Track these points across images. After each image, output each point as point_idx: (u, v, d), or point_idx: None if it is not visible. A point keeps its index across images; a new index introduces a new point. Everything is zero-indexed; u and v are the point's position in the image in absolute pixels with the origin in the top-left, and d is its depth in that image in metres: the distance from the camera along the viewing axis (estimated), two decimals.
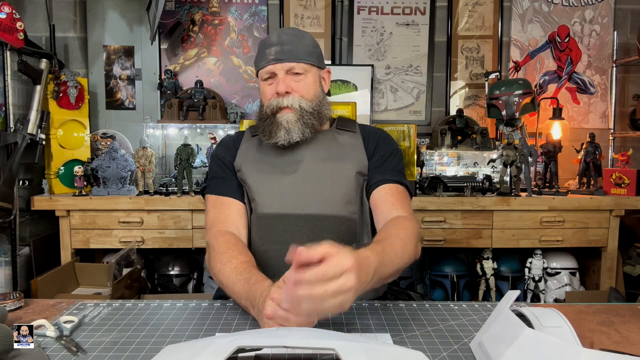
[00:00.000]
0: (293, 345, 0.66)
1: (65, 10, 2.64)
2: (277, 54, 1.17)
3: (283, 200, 1.15)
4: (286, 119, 1.16)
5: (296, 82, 1.18)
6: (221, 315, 0.93)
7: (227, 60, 2.78)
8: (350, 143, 1.24)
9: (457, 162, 2.66)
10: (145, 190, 2.32)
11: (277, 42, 1.19)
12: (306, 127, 1.17)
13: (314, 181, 1.16)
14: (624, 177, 2.34)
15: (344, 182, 1.17)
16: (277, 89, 1.17)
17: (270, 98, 1.19)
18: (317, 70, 1.23)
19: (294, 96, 1.17)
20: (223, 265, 1.01)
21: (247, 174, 1.20)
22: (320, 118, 1.21)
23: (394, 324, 0.87)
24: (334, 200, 1.15)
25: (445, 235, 2.30)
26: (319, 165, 1.18)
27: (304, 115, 1.17)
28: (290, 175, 1.17)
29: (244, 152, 1.25)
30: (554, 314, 0.72)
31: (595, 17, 2.81)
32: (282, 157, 1.20)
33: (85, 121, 2.51)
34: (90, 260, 2.51)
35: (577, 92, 2.85)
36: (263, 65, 1.19)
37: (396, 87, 2.83)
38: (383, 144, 1.25)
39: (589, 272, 2.55)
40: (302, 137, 1.17)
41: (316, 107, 1.20)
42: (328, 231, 1.13)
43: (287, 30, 1.24)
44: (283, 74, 1.18)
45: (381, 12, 2.79)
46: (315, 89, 1.22)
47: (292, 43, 1.19)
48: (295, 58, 1.18)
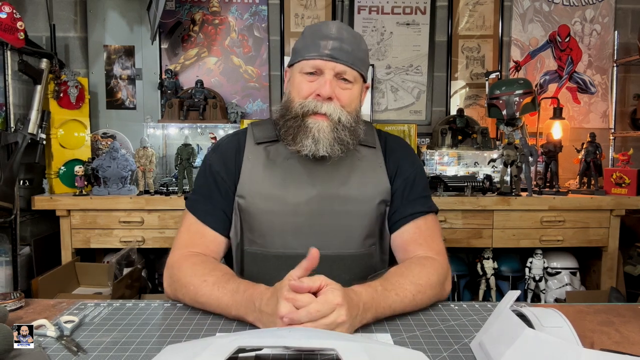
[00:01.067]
0: (293, 346, 0.66)
1: (65, 10, 2.64)
2: (334, 51, 1.01)
3: (297, 239, 1.02)
4: (318, 127, 1.00)
5: (342, 90, 1.03)
6: (221, 315, 0.92)
7: (228, 60, 2.78)
8: (371, 163, 1.09)
9: (457, 162, 2.66)
10: (146, 190, 2.32)
11: (336, 37, 1.02)
12: (337, 143, 1.02)
13: (332, 216, 1.03)
14: (624, 176, 2.34)
15: (364, 216, 1.05)
16: (321, 91, 1.00)
17: (307, 97, 1.02)
18: (362, 83, 1.09)
19: (335, 104, 1.01)
20: (197, 287, 0.91)
21: (254, 206, 1.04)
22: (354, 137, 1.05)
23: (394, 324, 0.87)
24: (352, 237, 1.04)
25: (445, 235, 2.30)
26: (337, 196, 1.04)
27: (339, 130, 1.01)
28: (305, 208, 1.03)
29: (249, 174, 1.06)
30: (554, 314, 0.72)
31: (595, 17, 2.81)
32: (295, 180, 1.04)
33: (86, 121, 2.51)
34: (91, 260, 2.51)
35: (577, 91, 2.85)
36: (312, 57, 1.01)
37: (397, 87, 2.83)
38: (406, 162, 1.11)
39: (589, 272, 2.54)
40: (329, 153, 1.01)
41: (354, 123, 1.04)
42: (345, 271, 1.02)
43: (348, 27, 1.06)
44: (332, 76, 1.01)
45: (381, 12, 2.79)
46: (356, 103, 1.07)
47: (352, 44, 1.03)
48: (352, 63, 1.02)
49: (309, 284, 0.76)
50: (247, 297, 0.84)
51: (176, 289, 0.97)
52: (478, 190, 2.35)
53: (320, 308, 0.74)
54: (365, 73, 1.08)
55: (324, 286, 0.78)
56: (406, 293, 0.89)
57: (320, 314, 0.74)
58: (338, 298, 0.76)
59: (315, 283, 0.77)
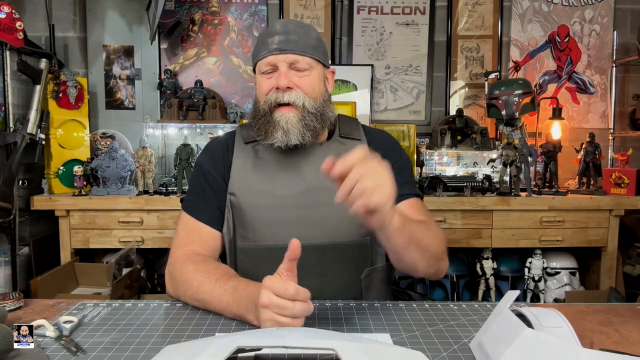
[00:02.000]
0: (293, 346, 0.66)
1: (64, 10, 2.64)
2: (281, 44, 1.04)
3: (287, 230, 1.04)
4: (286, 119, 1.04)
5: (299, 78, 1.06)
6: (221, 315, 0.92)
7: (227, 60, 2.78)
8: None
9: (456, 162, 2.66)
10: (145, 190, 2.32)
11: (281, 31, 1.06)
12: (307, 130, 1.05)
13: (322, 207, 1.05)
14: (623, 177, 2.34)
15: None
16: (278, 83, 1.04)
17: (268, 92, 1.06)
18: (322, 68, 1.11)
19: (297, 92, 1.05)
20: (200, 284, 0.93)
21: (244, 202, 1.07)
22: (323, 121, 1.08)
23: (394, 324, 0.87)
24: (343, 225, 1.05)
25: (445, 235, 2.30)
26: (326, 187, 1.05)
27: (306, 116, 1.05)
28: (294, 200, 1.06)
29: (238, 171, 1.10)
30: (553, 314, 0.72)
31: (595, 17, 2.81)
32: (284, 176, 1.08)
33: (85, 121, 2.51)
34: (90, 260, 2.51)
35: (576, 92, 2.85)
36: (263, 55, 1.06)
37: (396, 87, 2.83)
38: (391, 153, 1.13)
39: (588, 272, 2.54)
40: (301, 141, 1.05)
41: (320, 107, 1.07)
42: (338, 261, 1.05)
43: (293, 20, 1.11)
44: (285, 67, 1.05)
45: (381, 12, 2.79)
46: (319, 87, 1.09)
47: (298, 34, 1.06)
48: (301, 50, 1.05)
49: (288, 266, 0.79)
50: (246, 295, 0.86)
51: (177, 285, 0.99)
52: (477, 190, 2.35)
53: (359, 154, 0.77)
54: (321, 58, 1.10)
55: None
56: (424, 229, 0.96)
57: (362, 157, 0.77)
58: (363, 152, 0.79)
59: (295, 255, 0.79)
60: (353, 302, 0.99)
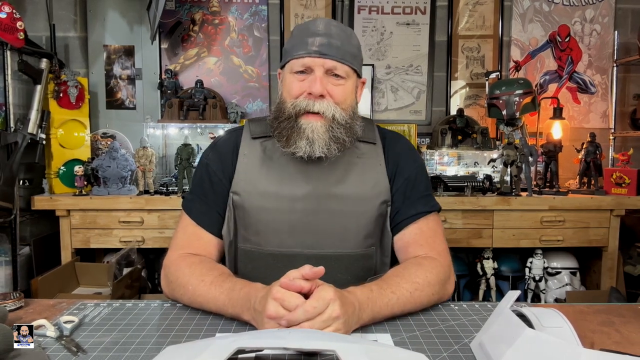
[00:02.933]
0: (293, 347, 0.66)
1: (65, 9, 2.64)
2: (322, 47, 0.98)
3: (293, 237, 1.00)
4: (312, 128, 0.98)
5: (334, 86, 1.00)
6: (221, 315, 0.92)
7: (228, 59, 2.78)
8: (370, 162, 1.06)
9: (457, 162, 2.66)
10: (146, 190, 2.32)
11: (324, 33, 0.99)
12: (333, 143, 0.99)
13: (329, 215, 1.01)
14: (624, 176, 2.34)
15: (363, 216, 1.03)
16: (312, 89, 0.97)
17: (298, 96, 0.99)
18: (356, 78, 1.06)
19: (328, 102, 0.98)
20: (195, 288, 0.91)
21: (249, 203, 1.03)
22: (351, 134, 1.02)
23: (394, 324, 0.87)
24: (350, 236, 1.02)
25: (445, 235, 2.30)
26: (337, 196, 1.02)
27: (334, 128, 0.99)
28: (301, 206, 1.01)
29: (244, 170, 1.04)
30: (554, 314, 0.72)
31: (595, 17, 2.81)
32: (292, 178, 1.02)
33: (86, 121, 2.51)
34: (91, 260, 2.51)
35: (577, 91, 2.84)
36: (300, 55, 0.99)
37: (396, 87, 2.83)
38: (407, 160, 1.08)
39: (589, 272, 2.54)
40: (325, 153, 0.99)
41: (349, 119, 1.02)
42: (343, 271, 1.01)
43: (336, 22, 1.04)
44: (322, 73, 0.98)
45: (381, 12, 2.79)
46: (351, 99, 1.04)
47: (341, 39, 1.00)
48: (342, 57, 0.99)
49: (300, 284, 0.77)
50: (243, 295, 0.84)
51: (174, 289, 0.97)
52: (478, 190, 2.35)
53: (316, 304, 0.74)
54: (358, 68, 1.05)
55: (315, 287, 0.78)
56: (403, 291, 0.88)
57: (316, 310, 0.74)
58: (330, 294, 0.76)
59: (306, 284, 0.77)
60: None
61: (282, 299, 0.75)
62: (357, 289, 0.84)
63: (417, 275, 0.92)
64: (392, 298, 0.86)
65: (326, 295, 0.76)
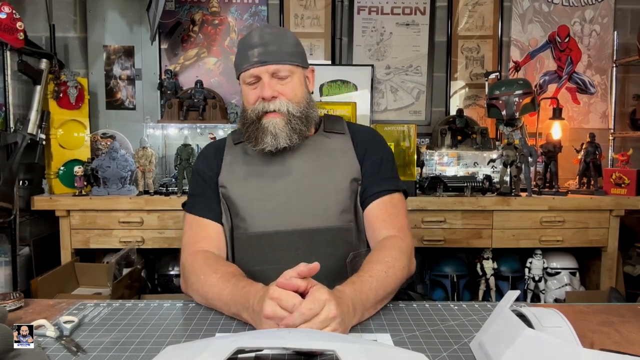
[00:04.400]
0: (293, 347, 0.66)
1: (65, 10, 2.64)
2: (261, 56, 1.09)
3: (275, 218, 1.10)
4: (273, 124, 1.10)
5: (282, 86, 1.12)
6: (221, 315, 0.93)
7: (227, 60, 2.78)
8: (340, 147, 1.19)
9: (457, 162, 2.66)
10: (146, 190, 2.32)
11: (259, 43, 1.10)
12: (294, 133, 1.11)
13: (307, 194, 1.12)
14: (624, 177, 2.34)
15: (338, 192, 1.13)
16: (263, 94, 1.10)
17: (255, 102, 1.12)
18: (302, 71, 1.17)
19: (281, 100, 1.11)
20: (207, 276, 0.98)
21: (233, 192, 1.14)
22: (308, 122, 1.15)
23: (394, 324, 0.87)
24: (328, 211, 1.11)
25: (445, 235, 2.30)
26: (311, 176, 1.14)
27: (291, 120, 1.11)
28: (281, 189, 1.12)
29: (228, 166, 1.18)
30: (554, 314, 0.72)
31: (595, 17, 2.81)
32: (271, 168, 1.15)
33: (86, 121, 2.51)
34: (90, 260, 2.51)
35: (577, 92, 2.85)
36: (246, 68, 1.11)
37: (396, 87, 2.83)
38: (373, 146, 1.20)
39: (589, 272, 2.54)
40: (289, 144, 1.11)
41: (304, 110, 1.14)
42: (324, 244, 1.10)
43: (269, 29, 1.15)
44: (268, 78, 1.10)
45: (381, 12, 2.79)
46: (301, 91, 1.15)
47: (276, 43, 1.11)
48: (280, 60, 1.11)
49: (297, 283, 0.79)
50: (244, 294, 0.88)
51: (187, 278, 1.05)
52: (478, 190, 2.35)
53: (312, 306, 0.76)
54: (301, 62, 1.15)
55: (310, 287, 0.80)
56: (379, 272, 0.95)
57: (312, 312, 0.76)
58: (325, 294, 0.79)
59: (302, 282, 0.80)
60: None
61: (279, 298, 0.78)
62: (343, 287, 0.88)
63: (385, 256, 1.01)
64: (372, 282, 0.92)
65: (321, 296, 0.78)
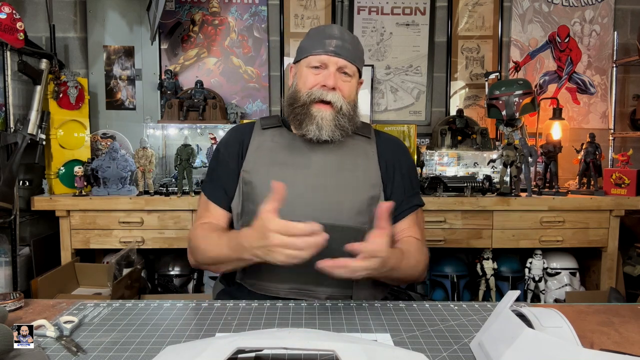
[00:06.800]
0: (293, 347, 0.66)
1: (65, 10, 2.64)
2: (338, 48, 1.17)
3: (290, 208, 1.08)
4: (322, 116, 1.15)
5: (343, 82, 1.19)
6: (221, 315, 0.93)
7: (227, 60, 2.78)
8: (364, 151, 1.24)
9: (457, 162, 2.66)
10: (146, 191, 2.32)
11: (339, 37, 1.19)
12: (338, 129, 1.17)
13: (324, 189, 1.15)
14: (624, 177, 2.34)
15: (355, 193, 1.17)
16: (326, 82, 1.16)
17: (313, 87, 1.18)
18: (358, 78, 1.25)
19: (338, 94, 1.17)
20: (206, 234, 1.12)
21: (256, 178, 1.18)
22: (352, 123, 1.20)
23: (394, 324, 0.88)
24: (342, 210, 1.15)
25: (445, 236, 2.30)
26: (330, 173, 1.18)
27: (339, 117, 1.16)
28: (300, 181, 1.16)
29: (254, 151, 1.22)
30: (554, 314, 0.72)
31: (595, 17, 2.81)
32: (294, 159, 1.19)
33: (86, 121, 2.51)
34: (90, 260, 2.51)
35: (577, 92, 2.85)
36: (318, 53, 1.18)
37: (396, 87, 2.83)
38: (402, 157, 1.27)
39: (589, 272, 2.54)
40: (331, 137, 1.17)
41: (352, 111, 1.20)
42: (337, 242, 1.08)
43: (347, 30, 1.26)
44: (335, 69, 1.17)
45: (381, 12, 2.79)
46: (354, 94, 1.23)
47: (352, 43, 1.20)
48: (352, 59, 1.19)
49: None
50: (237, 242, 1.01)
51: (190, 244, 1.19)
52: (478, 190, 2.35)
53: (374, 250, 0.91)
54: (361, 69, 1.25)
55: None
56: (413, 261, 1.11)
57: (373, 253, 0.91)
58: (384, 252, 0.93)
59: None
60: (353, 302, 1.00)
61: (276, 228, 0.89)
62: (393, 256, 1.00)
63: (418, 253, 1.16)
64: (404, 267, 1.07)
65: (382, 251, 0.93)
